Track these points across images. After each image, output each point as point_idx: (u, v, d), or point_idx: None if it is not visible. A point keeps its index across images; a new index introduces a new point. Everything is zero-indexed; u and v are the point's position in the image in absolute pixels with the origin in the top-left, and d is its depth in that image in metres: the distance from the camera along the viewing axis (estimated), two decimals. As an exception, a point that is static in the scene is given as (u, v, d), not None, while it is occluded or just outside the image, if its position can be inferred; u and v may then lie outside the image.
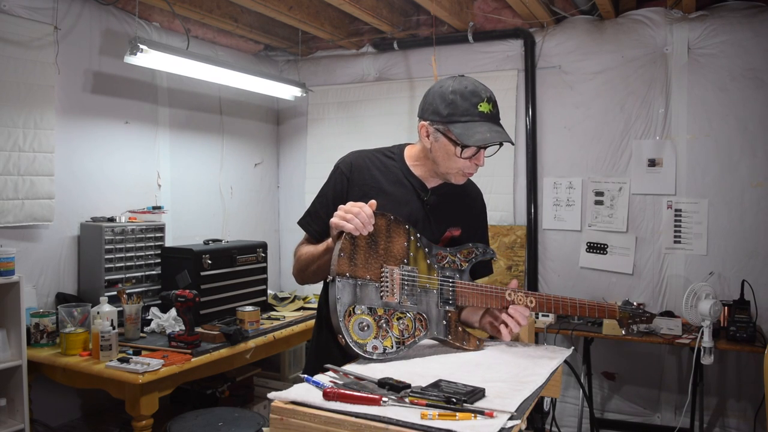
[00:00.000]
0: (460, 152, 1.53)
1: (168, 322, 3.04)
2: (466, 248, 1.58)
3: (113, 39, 3.41)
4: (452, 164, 1.57)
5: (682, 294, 3.16)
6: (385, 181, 1.65)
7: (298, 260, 1.67)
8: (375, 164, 1.66)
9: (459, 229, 1.69)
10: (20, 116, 2.94)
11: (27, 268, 2.95)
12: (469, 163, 1.57)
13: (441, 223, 1.65)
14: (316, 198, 1.71)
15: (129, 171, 3.57)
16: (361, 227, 1.40)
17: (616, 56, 3.73)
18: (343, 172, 1.66)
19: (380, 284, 1.42)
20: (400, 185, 1.65)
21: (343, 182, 1.64)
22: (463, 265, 1.55)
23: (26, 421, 2.65)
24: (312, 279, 1.64)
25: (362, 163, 1.66)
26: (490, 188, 4.08)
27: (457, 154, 1.54)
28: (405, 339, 1.42)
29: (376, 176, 1.64)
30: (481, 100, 1.54)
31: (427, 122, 1.58)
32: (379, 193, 1.61)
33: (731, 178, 3.49)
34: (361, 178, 1.64)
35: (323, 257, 1.52)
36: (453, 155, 1.55)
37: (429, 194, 1.66)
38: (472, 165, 1.58)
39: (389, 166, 1.67)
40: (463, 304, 1.53)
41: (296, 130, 4.76)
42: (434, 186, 1.68)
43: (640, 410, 3.75)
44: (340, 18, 4.11)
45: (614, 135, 3.76)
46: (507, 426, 1.01)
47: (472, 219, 1.76)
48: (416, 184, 1.66)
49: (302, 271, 1.65)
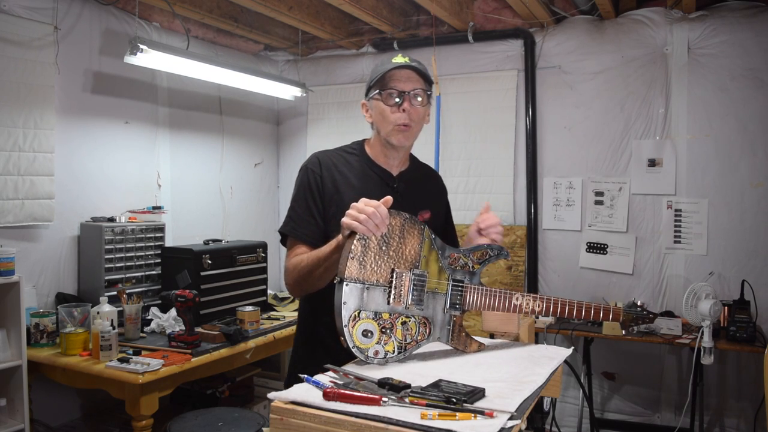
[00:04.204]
0: (383, 97, 1.61)
1: (168, 322, 3.04)
2: (480, 249, 1.53)
3: (113, 39, 3.41)
4: (386, 122, 1.64)
5: (682, 294, 3.16)
6: (352, 175, 1.68)
7: (297, 268, 1.59)
8: (339, 161, 1.70)
9: (428, 212, 1.71)
10: (20, 116, 2.94)
11: (27, 268, 2.94)
12: (399, 113, 1.62)
13: (411, 209, 1.63)
14: (293, 203, 1.69)
15: (129, 171, 3.57)
16: (375, 229, 1.34)
17: (616, 56, 3.73)
18: (313, 170, 1.67)
19: (389, 288, 1.38)
20: (366, 178, 1.69)
21: (317, 179, 1.66)
22: (475, 267, 1.52)
23: (26, 421, 2.64)
24: (317, 284, 1.57)
25: (328, 161, 1.69)
26: (490, 188, 4.08)
27: (385, 103, 1.62)
28: (407, 344, 1.40)
29: (343, 172, 1.68)
30: (396, 57, 1.64)
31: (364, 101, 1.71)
32: (349, 188, 1.64)
33: (731, 178, 3.49)
34: (330, 175, 1.67)
35: (332, 257, 1.47)
36: (385, 112, 1.63)
37: (397, 181, 1.71)
38: (403, 114, 1.62)
39: (352, 162, 1.71)
40: (471, 308, 1.52)
41: (296, 130, 4.76)
42: (399, 173, 1.73)
43: (640, 410, 3.75)
44: (340, 18, 4.11)
45: (614, 135, 3.76)
46: (507, 426, 1.01)
47: (437, 200, 1.84)
48: (381, 173, 1.71)
49: (307, 277, 1.57)
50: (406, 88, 1.62)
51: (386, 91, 1.62)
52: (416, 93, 1.63)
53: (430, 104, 1.72)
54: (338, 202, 1.62)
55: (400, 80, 1.62)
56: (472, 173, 4.11)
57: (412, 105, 1.62)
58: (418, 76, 1.64)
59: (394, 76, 1.62)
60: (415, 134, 1.70)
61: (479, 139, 4.10)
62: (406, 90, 1.61)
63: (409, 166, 1.79)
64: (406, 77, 1.62)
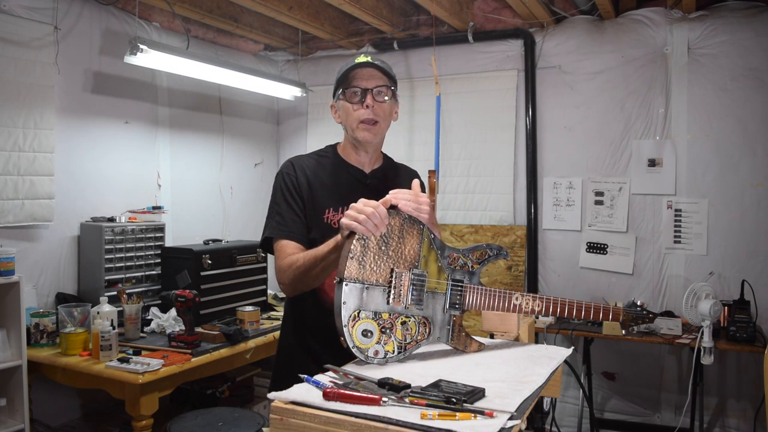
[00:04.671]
0: (347, 96, 1.66)
1: (168, 322, 3.04)
2: (479, 249, 1.53)
3: (113, 39, 3.41)
4: (351, 119, 1.68)
5: (682, 294, 3.16)
6: (325, 176, 1.72)
7: (293, 267, 1.59)
8: (312, 164, 1.75)
9: None
10: (20, 116, 2.94)
11: (27, 268, 2.95)
12: (362, 109, 1.66)
13: None
14: (274, 207, 1.71)
15: (129, 171, 3.57)
16: (374, 229, 1.34)
17: (616, 56, 3.73)
18: (288, 173, 1.72)
19: (388, 288, 1.39)
20: (339, 176, 1.73)
21: (293, 180, 1.70)
22: (474, 267, 1.52)
23: (26, 421, 2.64)
24: (313, 283, 1.58)
25: (302, 164, 1.73)
26: (490, 188, 4.08)
27: (349, 101, 1.66)
28: (407, 344, 1.40)
29: (317, 174, 1.72)
30: (359, 57, 1.69)
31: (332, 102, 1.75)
32: (322, 187, 1.70)
33: (731, 178, 3.49)
34: (304, 176, 1.71)
35: (329, 257, 1.48)
36: (349, 110, 1.67)
37: (370, 178, 1.75)
38: (366, 110, 1.65)
39: (324, 164, 1.76)
40: (470, 308, 1.52)
41: (296, 130, 4.76)
42: (371, 171, 1.77)
43: (640, 410, 3.75)
44: (340, 18, 4.11)
45: (614, 135, 3.76)
46: (507, 426, 1.01)
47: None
48: (354, 172, 1.75)
49: (303, 277, 1.57)
50: (369, 86, 1.66)
51: (350, 89, 1.67)
52: (379, 90, 1.67)
53: (396, 102, 1.76)
54: (313, 201, 1.68)
55: (363, 78, 1.67)
56: (472, 173, 4.11)
57: (375, 101, 1.66)
58: (381, 74, 1.68)
59: (357, 74, 1.67)
60: (381, 131, 1.73)
61: (479, 139, 4.10)
62: (368, 87, 1.66)
63: (383, 164, 1.83)
64: (369, 75, 1.67)
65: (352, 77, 1.67)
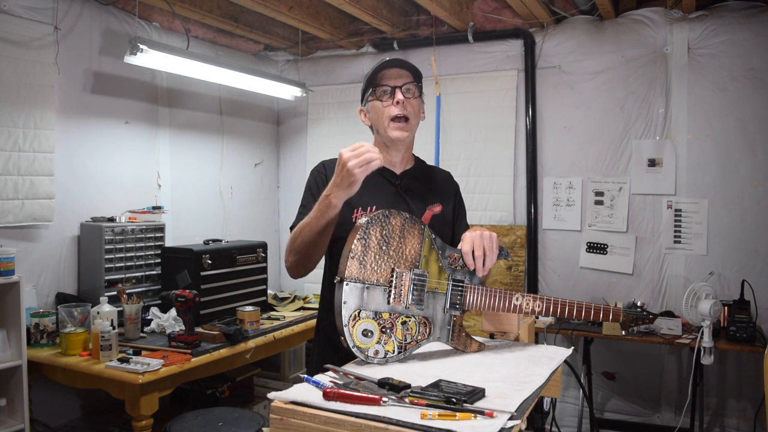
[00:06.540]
0: (377, 94, 1.70)
1: (168, 322, 3.04)
2: None
3: (113, 39, 3.41)
4: (382, 118, 1.72)
5: (682, 294, 3.17)
6: None
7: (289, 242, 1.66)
8: None
9: (439, 206, 1.70)
10: (20, 116, 2.94)
11: (27, 268, 2.95)
12: (392, 106, 1.70)
13: (419, 203, 1.72)
14: (302, 201, 1.78)
15: (129, 171, 3.57)
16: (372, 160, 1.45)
17: (616, 56, 3.73)
18: (318, 171, 1.78)
19: (389, 288, 1.39)
20: (369, 178, 1.69)
21: (322, 178, 1.75)
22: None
23: (26, 421, 2.64)
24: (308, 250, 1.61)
25: (332, 165, 1.72)
26: (490, 188, 4.08)
27: (380, 99, 1.70)
28: (407, 344, 1.40)
29: None
30: (385, 59, 1.73)
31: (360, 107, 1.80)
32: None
33: (731, 178, 3.49)
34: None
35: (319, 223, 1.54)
36: (380, 108, 1.71)
37: (401, 179, 1.78)
38: (397, 106, 1.69)
39: None
40: (471, 308, 1.52)
41: (296, 130, 4.76)
42: (402, 171, 1.80)
43: (640, 410, 3.75)
44: (340, 18, 4.11)
45: (614, 135, 3.76)
46: (507, 426, 1.01)
47: (448, 195, 1.87)
48: (384, 172, 1.76)
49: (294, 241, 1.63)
50: (398, 83, 1.71)
51: (379, 88, 1.71)
52: (408, 87, 1.71)
53: (422, 101, 1.79)
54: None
55: (390, 77, 1.71)
56: (472, 173, 4.11)
57: (405, 97, 1.70)
58: (408, 72, 1.72)
59: (385, 74, 1.72)
60: (412, 128, 1.76)
61: (479, 139, 4.10)
62: (397, 85, 1.70)
63: (414, 165, 1.85)
64: (396, 74, 1.72)
65: (380, 77, 1.71)
